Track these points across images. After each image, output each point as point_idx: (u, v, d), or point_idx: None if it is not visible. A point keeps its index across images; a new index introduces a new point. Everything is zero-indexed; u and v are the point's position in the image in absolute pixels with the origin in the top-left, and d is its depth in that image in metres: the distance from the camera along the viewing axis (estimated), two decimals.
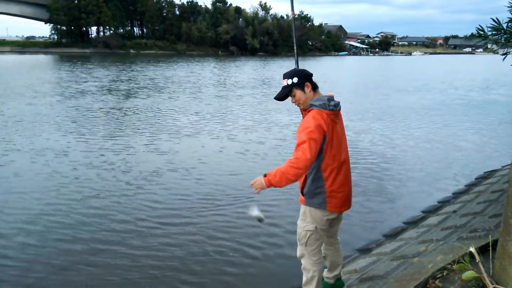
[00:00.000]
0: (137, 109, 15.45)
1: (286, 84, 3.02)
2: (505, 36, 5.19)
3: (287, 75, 3.04)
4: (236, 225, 5.80)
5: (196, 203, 6.61)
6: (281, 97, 3.07)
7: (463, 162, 9.42)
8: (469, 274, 3.12)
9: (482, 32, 5.26)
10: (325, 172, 2.98)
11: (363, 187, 7.44)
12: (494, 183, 7.05)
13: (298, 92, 3.01)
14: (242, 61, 57.23)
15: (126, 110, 15.25)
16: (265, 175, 2.84)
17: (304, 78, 3.02)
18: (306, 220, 3.14)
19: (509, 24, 4.87)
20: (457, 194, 7.03)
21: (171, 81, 26.56)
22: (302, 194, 3.12)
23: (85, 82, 24.62)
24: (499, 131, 13.12)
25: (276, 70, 41.36)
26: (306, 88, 3.01)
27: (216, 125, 12.82)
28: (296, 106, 3.11)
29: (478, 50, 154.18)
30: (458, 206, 6.01)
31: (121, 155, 9.24)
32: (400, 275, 3.54)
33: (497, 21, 4.77)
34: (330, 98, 2.98)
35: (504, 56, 5.73)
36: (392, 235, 5.46)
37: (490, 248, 3.59)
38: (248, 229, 5.65)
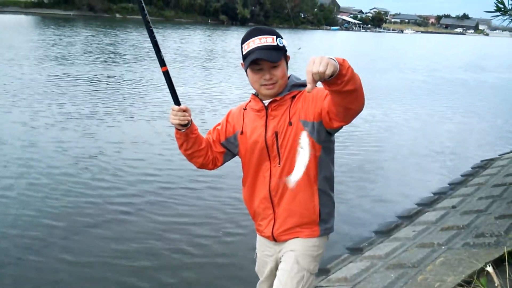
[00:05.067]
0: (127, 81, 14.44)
1: (275, 43, 1.91)
2: None
3: (267, 31, 1.94)
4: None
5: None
6: (275, 60, 1.90)
7: (456, 149, 8.90)
8: None
9: (502, 6, 4.59)
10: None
11: (351, 175, 6.82)
12: (494, 174, 6.54)
13: (283, 65, 1.96)
14: (232, 30, 55.57)
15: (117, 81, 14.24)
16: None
17: None
18: (318, 257, 2.13)
19: None
20: (454, 185, 6.50)
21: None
22: (320, 220, 2.07)
23: (64, 46, 23.25)
24: (492, 116, 12.64)
25: None
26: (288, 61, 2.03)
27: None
28: (259, 88, 1.98)
29: (469, 31, 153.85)
30: (457, 200, 5.48)
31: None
32: None
33: None
34: None
35: None
36: (385, 232, 4.91)
37: (507, 263, 3.04)
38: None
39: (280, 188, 2.04)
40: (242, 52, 1.97)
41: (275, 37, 1.93)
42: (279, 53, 1.92)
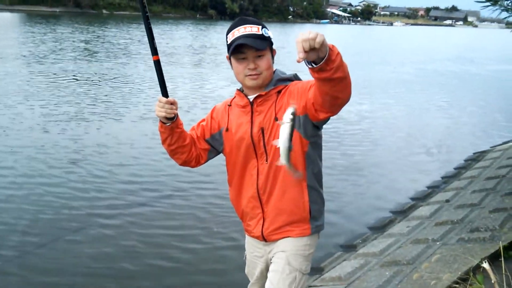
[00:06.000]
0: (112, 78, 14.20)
1: (260, 32, 1.84)
2: None
3: (252, 21, 1.89)
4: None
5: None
6: (260, 47, 1.83)
7: (449, 141, 8.90)
8: None
9: None
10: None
11: (343, 171, 6.74)
12: (486, 167, 6.52)
13: (268, 56, 1.89)
14: (221, 25, 55.18)
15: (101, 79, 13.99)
16: None
17: None
18: (310, 256, 2.05)
19: None
20: (447, 179, 6.47)
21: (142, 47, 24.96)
22: (310, 217, 1.99)
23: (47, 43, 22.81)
24: (483, 108, 12.68)
25: None
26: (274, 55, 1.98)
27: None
28: (243, 79, 1.90)
29: (458, 23, 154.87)
30: (450, 194, 5.43)
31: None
32: None
33: None
34: None
35: None
36: (378, 228, 4.85)
37: (502, 258, 2.99)
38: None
39: (268, 186, 1.96)
40: (227, 42, 1.90)
41: (260, 27, 1.86)
42: (264, 42, 1.85)
